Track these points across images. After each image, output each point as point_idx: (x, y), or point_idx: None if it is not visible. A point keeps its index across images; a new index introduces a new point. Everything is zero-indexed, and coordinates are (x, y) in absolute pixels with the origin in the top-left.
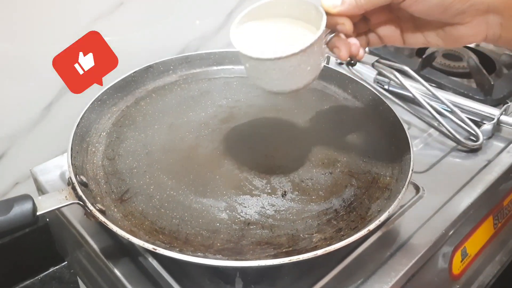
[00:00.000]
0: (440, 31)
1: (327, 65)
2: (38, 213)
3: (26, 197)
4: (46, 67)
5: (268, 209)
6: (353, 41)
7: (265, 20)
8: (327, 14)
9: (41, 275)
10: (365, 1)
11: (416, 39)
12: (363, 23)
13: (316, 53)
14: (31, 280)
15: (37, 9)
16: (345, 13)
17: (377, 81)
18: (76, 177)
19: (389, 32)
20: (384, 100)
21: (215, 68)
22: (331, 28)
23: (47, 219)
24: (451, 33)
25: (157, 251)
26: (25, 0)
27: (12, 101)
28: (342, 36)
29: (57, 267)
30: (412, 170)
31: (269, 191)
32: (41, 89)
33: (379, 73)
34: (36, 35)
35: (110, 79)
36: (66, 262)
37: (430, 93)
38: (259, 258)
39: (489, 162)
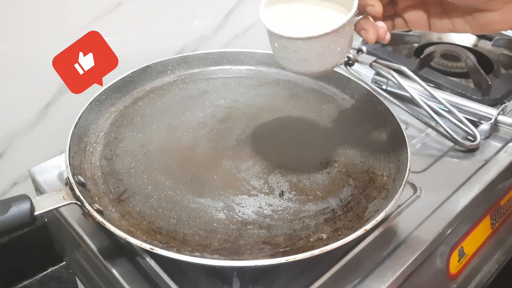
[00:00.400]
0: (468, 17)
1: None
2: (36, 213)
3: (23, 197)
4: (44, 67)
5: (265, 209)
6: (381, 24)
7: (292, 3)
8: None
9: (40, 275)
10: None
11: (443, 25)
12: (390, 6)
13: (347, 34)
14: (30, 280)
15: (36, 9)
16: None
17: (375, 81)
18: (74, 177)
19: (416, 16)
20: (382, 100)
21: (213, 68)
22: (361, 9)
23: (45, 219)
24: (480, 19)
25: (154, 251)
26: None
27: (10, 101)
28: (370, 18)
29: (55, 267)
30: (409, 169)
31: (266, 191)
32: (39, 89)
33: (377, 73)
34: (34, 35)
35: (108, 79)
36: (64, 262)
37: (427, 93)
38: (257, 258)
39: (487, 162)
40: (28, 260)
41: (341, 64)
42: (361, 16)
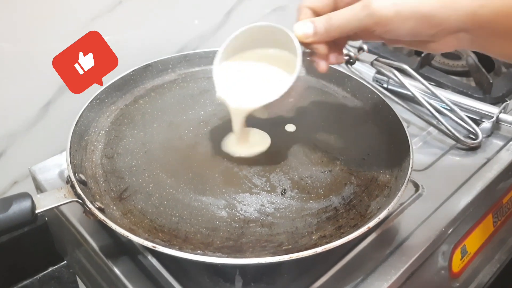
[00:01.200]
0: (415, 46)
1: None
2: (37, 211)
3: (24, 195)
4: (44, 66)
5: (267, 207)
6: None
7: (242, 59)
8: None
9: (40, 274)
10: (335, 31)
11: (395, 45)
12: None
13: (296, 85)
14: (30, 279)
15: (36, 8)
16: (317, 42)
17: (376, 80)
18: (75, 175)
19: (365, 38)
20: (383, 98)
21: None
22: (307, 48)
23: (46, 218)
24: (425, 47)
25: (156, 248)
26: None
27: (10, 100)
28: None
29: (56, 266)
30: (411, 168)
31: (268, 189)
32: (40, 88)
33: (378, 72)
34: (34, 34)
35: (109, 77)
36: (65, 262)
37: (429, 91)
38: (259, 256)
39: (488, 160)
40: (28, 259)
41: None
42: (309, 52)
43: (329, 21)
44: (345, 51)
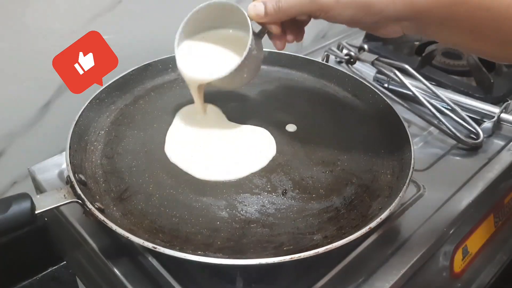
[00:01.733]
0: (365, 29)
1: (326, 63)
2: (36, 212)
3: (24, 196)
4: (43, 66)
5: (268, 208)
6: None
7: (203, 39)
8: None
9: (40, 275)
10: (283, 14)
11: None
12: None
13: (249, 63)
14: (29, 280)
15: (35, 8)
16: (269, 22)
17: (377, 80)
18: (74, 176)
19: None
20: (384, 98)
21: None
22: (263, 27)
23: (45, 219)
24: (371, 31)
25: (157, 249)
26: None
27: (10, 100)
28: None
29: (55, 267)
30: (412, 168)
31: (269, 189)
32: (39, 88)
33: (379, 72)
34: (33, 34)
35: (109, 77)
36: (64, 262)
37: (430, 91)
38: (260, 257)
39: (490, 160)
40: (28, 260)
41: (342, 62)
42: (265, 31)
43: (278, 4)
44: (345, 51)
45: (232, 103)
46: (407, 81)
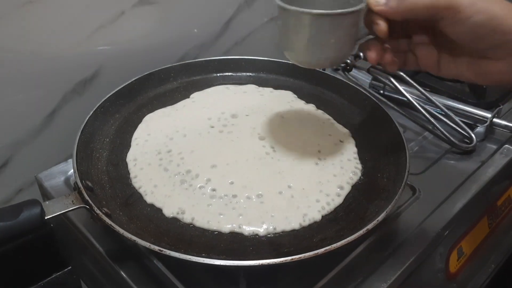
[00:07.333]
0: (473, 63)
1: (323, 71)
2: (46, 217)
3: (34, 202)
4: (49, 75)
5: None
6: (388, 51)
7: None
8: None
9: (44, 281)
10: (405, 7)
11: (450, 70)
12: (405, 42)
13: (346, 28)
14: (34, 286)
15: (40, 18)
16: (385, 14)
17: (372, 86)
18: (82, 182)
19: (426, 55)
20: (380, 104)
21: (214, 75)
22: (367, 27)
23: (52, 225)
24: (483, 67)
25: (163, 252)
26: (27, 8)
27: (15, 108)
28: (377, 42)
29: (60, 272)
30: (408, 171)
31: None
32: (45, 96)
33: (375, 78)
34: (38, 44)
35: (113, 86)
36: (69, 268)
37: (424, 97)
38: (262, 258)
39: (483, 163)
40: (33, 266)
41: (339, 69)
42: (369, 37)
43: None
44: None
45: None
46: (402, 87)
